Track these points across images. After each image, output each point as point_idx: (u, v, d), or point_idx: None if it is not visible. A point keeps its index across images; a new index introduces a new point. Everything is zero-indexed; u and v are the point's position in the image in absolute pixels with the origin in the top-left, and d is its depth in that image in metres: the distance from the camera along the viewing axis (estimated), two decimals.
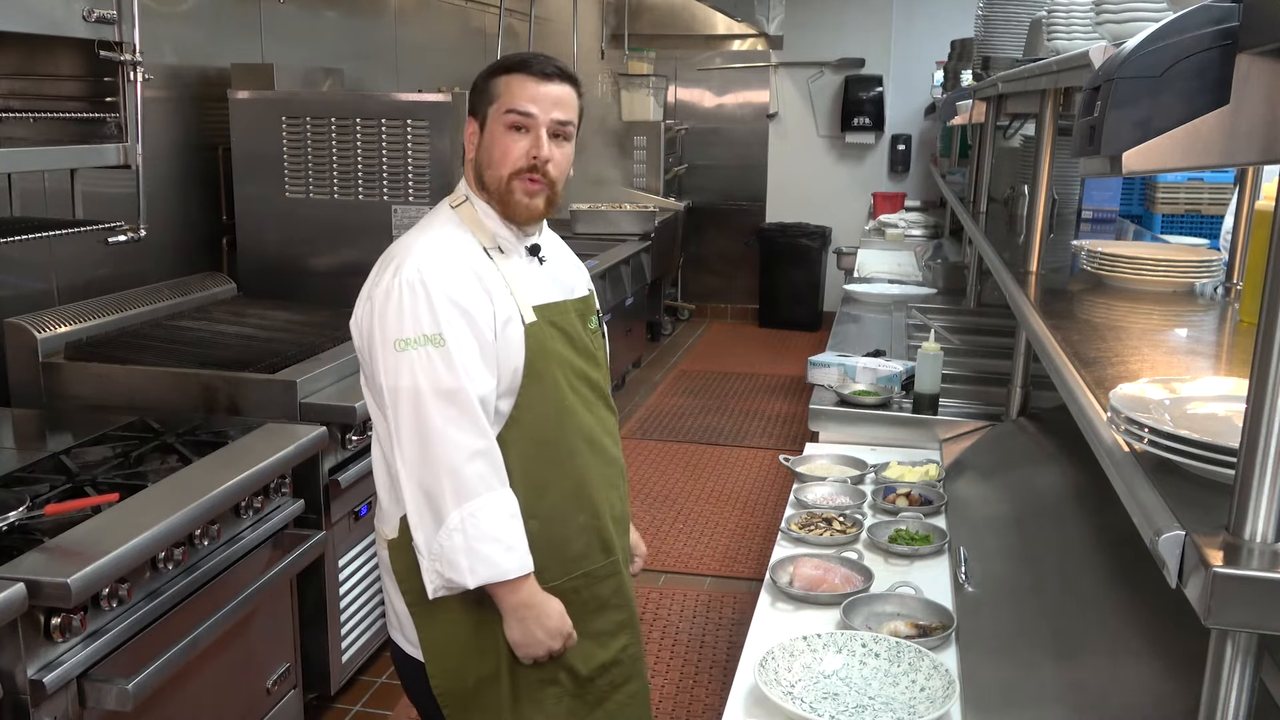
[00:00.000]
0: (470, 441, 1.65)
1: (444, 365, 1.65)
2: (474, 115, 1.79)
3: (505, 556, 1.67)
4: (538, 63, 1.75)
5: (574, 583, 1.83)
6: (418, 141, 3.63)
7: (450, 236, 1.77)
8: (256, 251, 3.79)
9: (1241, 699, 0.90)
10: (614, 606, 1.90)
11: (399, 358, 1.66)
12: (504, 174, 1.75)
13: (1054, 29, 2.19)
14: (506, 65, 1.76)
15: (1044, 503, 2.24)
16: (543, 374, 1.75)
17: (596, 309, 1.94)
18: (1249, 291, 1.89)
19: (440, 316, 1.66)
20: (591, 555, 1.85)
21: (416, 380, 1.65)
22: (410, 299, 1.66)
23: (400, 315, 1.66)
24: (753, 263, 8.55)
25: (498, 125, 1.74)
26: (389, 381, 1.68)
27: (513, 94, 1.73)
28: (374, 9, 4.90)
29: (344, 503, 2.94)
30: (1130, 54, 0.91)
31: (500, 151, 1.74)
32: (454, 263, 1.71)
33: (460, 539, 1.65)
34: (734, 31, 8.47)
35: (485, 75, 1.78)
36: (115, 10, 2.46)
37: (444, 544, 1.66)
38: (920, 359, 2.88)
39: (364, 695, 3.20)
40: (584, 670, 1.85)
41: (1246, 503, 0.87)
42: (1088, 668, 1.60)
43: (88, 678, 1.94)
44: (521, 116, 1.73)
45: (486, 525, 1.65)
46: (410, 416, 1.66)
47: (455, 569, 1.66)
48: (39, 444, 2.65)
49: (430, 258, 1.70)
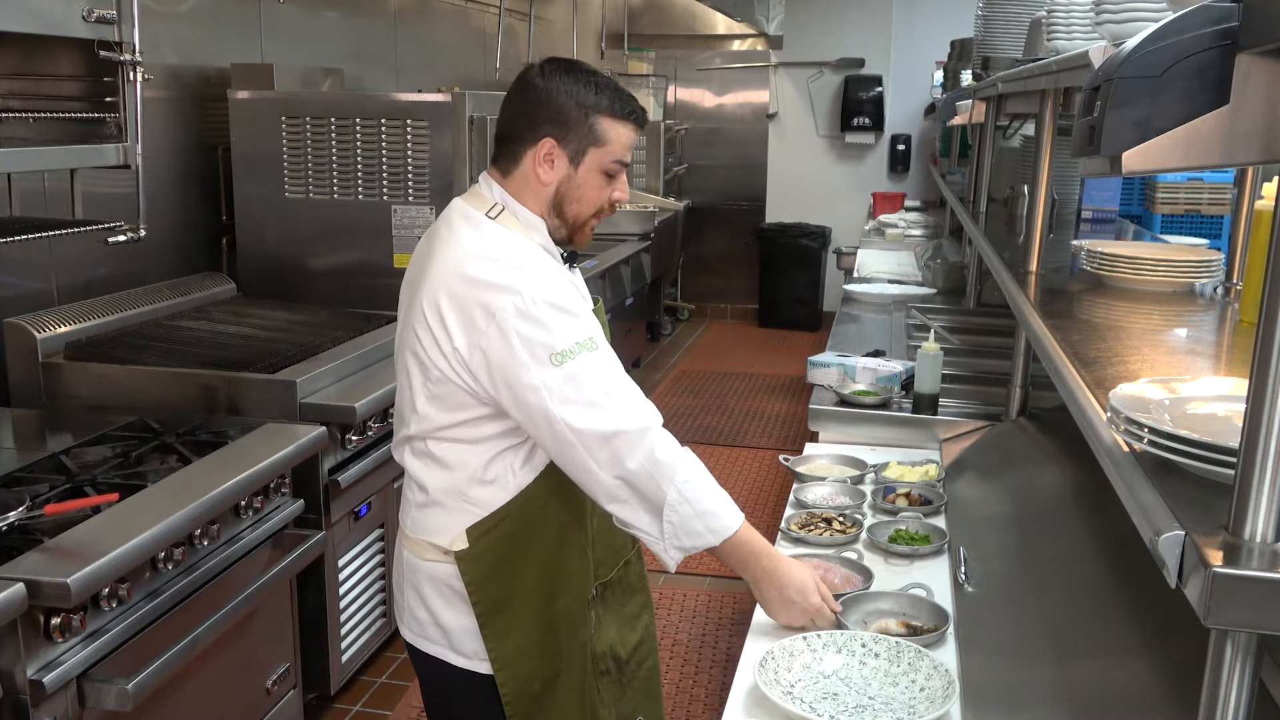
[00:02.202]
0: (651, 420, 1.68)
1: (605, 364, 1.68)
2: (560, 143, 1.71)
3: (727, 507, 1.73)
4: (640, 113, 1.76)
5: (619, 573, 1.91)
6: (418, 141, 3.63)
7: (511, 241, 1.72)
8: (256, 251, 3.79)
9: (1241, 699, 0.90)
10: (639, 589, 1.97)
11: (559, 372, 1.63)
12: (590, 213, 1.77)
13: (1054, 29, 2.19)
14: (615, 111, 1.72)
15: (1044, 503, 2.24)
16: None
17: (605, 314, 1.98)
18: (1249, 291, 1.89)
19: (578, 322, 1.67)
20: (627, 544, 1.93)
21: (586, 389, 1.65)
22: (548, 315, 1.64)
23: (547, 332, 1.63)
24: (753, 263, 8.55)
25: (595, 171, 1.73)
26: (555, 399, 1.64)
27: (622, 146, 1.74)
28: (374, 9, 4.90)
29: (344, 503, 2.94)
30: (1130, 54, 0.91)
31: (594, 194, 1.75)
32: (544, 268, 1.70)
33: (687, 509, 1.68)
34: (734, 31, 8.47)
35: (582, 107, 1.70)
36: (115, 10, 2.46)
37: (673, 521, 1.69)
38: (920, 359, 2.88)
39: (364, 695, 3.20)
40: (624, 653, 1.92)
41: (1246, 503, 0.87)
42: (1088, 668, 1.60)
43: (87, 678, 1.94)
44: (621, 167, 1.76)
45: (699, 488, 1.70)
46: (594, 424, 1.65)
47: (699, 536, 1.71)
48: (39, 444, 2.65)
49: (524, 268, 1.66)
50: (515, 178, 1.75)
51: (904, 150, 8.42)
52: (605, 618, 1.88)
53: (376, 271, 3.72)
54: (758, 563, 1.79)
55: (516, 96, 1.74)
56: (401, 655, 3.41)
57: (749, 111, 8.70)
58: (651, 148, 7.71)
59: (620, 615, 1.92)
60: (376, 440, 3.05)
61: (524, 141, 1.72)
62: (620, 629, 1.91)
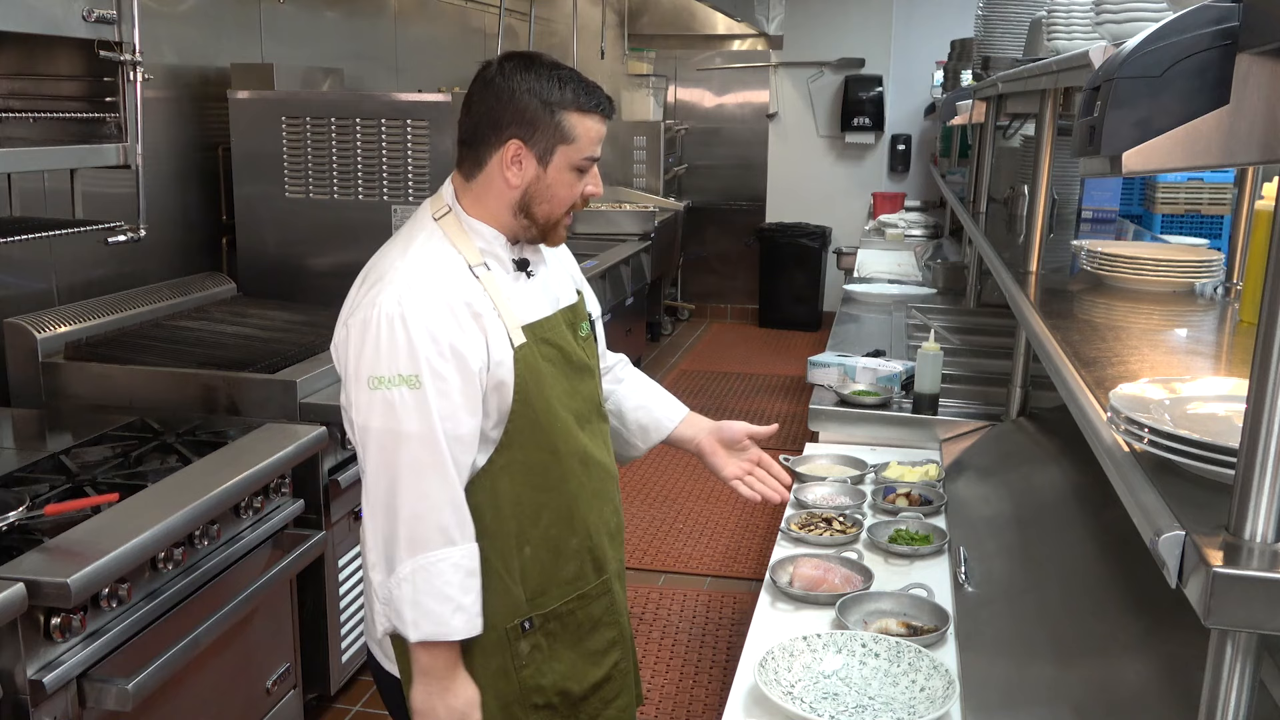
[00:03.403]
0: (436, 491, 1.58)
1: (417, 409, 1.56)
2: (527, 143, 1.63)
3: (453, 616, 1.60)
4: (606, 104, 1.67)
5: (569, 605, 1.77)
6: (418, 141, 3.63)
7: (435, 255, 1.65)
8: (256, 251, 3.79)
9: (1241, 699, 0.90)
10: (606, 624, 1.83)
11: (372, 396, 1.57)
12: (563, 211, 1.71)
13: (1054, 29, 2.19)
14: (580, 104, 1.64)
15: (1044, 503, 2.24)
16: (533, 399, 1.67)
17: (588, 314, 1.87)
18: (1249, 291, 1.89)
19: (420, 355, 1.56)
20: (585, 576, 1.79)
21: (386, 422, 1.57)
22: (389, 335, 1.56)
23: (377, 352, 1.57)
24: (753, 263, 8.55)
25: (565, 168, 1.66)
26: (359, 419, 1.60)
27: (590, 140, 1.66)
28: (374, 9, 4.90)
29: (344, 503, 2.94)
30: (1130, 54, 0.91)
31: (566, 192, 1.69)
32: (438, 291, 1.60)
33: (409, 590, 1.59)
34: (734, 31, 8.47)
35: (547, 105, 1.62)
36: (115, 10, 2.46)
37: (393, 592, 1.60)
38: (920, 359, 2.88)
39: (364, 695, 3.20)
40: (578, 690, 1.80)
41: (1246, 503, 0.87)
42: (1087, 668, 1.60)
43: (87, 678, 1.94)
44: (591, 162, 1.68)
45: (438, 581, 1.59)
46: (377, 457, 1.59)
47: (400, 619, 1.60)
48: (39, 444, 2.65)
49: (412, 286, 1.59)
50: (478, 181, 1.68)
51: (904, 150, 8.42)
52: (550, 650, 1.75)
53: None
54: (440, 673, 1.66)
55: (477, 97, 1.66)
56: None
57: (749, 111, 8.70)
58: (651, 148, 7.71)
59: (578, 649, 1.79)
60: None
61: (488, 144, 1.65)
62: (578, 663, 1.79)
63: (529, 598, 1.71)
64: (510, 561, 1.70)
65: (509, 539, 1.69)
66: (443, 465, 1.58)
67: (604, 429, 1.86)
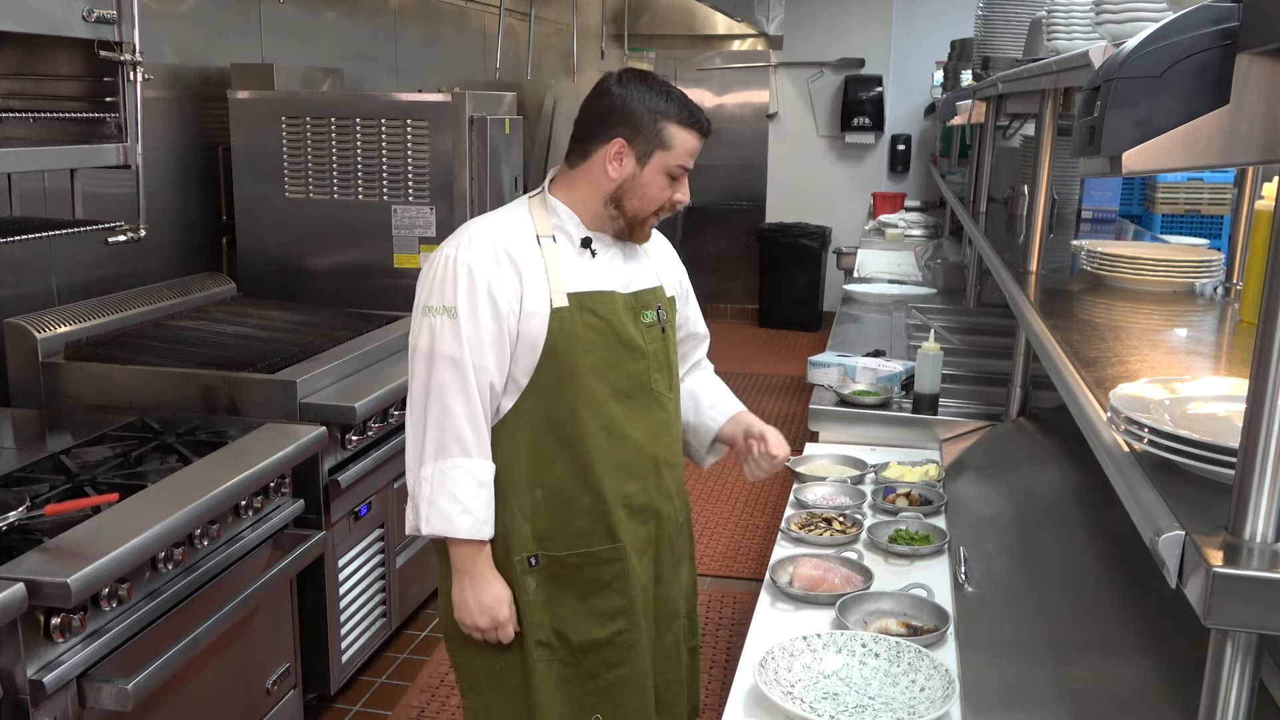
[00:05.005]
0: (458, 407, 1.82)
1: (452, 335, 1.81)
2: (630, 143, 1.86)
3: (460, 517, 1.82)
4: (705, 123, 1.91)
5: (577, 558, 1.93)
6: (418, 141, 3.63)
7: (507, 219, 1.91)
8: (256, 251, 3.79)
9: (1241, 699, 0.90)
10: (614, 591, 1.96)
11: (422, 321, 1.85)
12: (651, 210, 1.93)
13: (1054, 29, 2.19)
14: (682, 119, 1.88)
15: (1044, 503, 2.24)
16: (562, 356, 1.86)
17: (658, 305, 2.00)
18: (1249, 291, 1.89)
19: (460, 291, 1.81)
20: (596, 536, 1.93)
21: (428, 343, 1.83)
22: (442, 272, 1.84)
23: (430, 285, 1.85)
24: (753, 263, 8.55)
25: (660, 171, 1.89)
26: (411, 340, 1.88)
27: (686, 151, 1.90)
28: (374, 9, 4.90)
29: (344, 503, 2.94)
30: (1130, 54, 0.91)
31: (656, 193, 1.91)
32: (491, 241, 1.85)
33: (426, 489, 1.83)
34: (734, 31, 8.47)
35: (653, 113, 1.86)
36: (115, 10, 2.46)
37: (414, 489, 1.85)
38: (920, 359, 2.88)
39: (364, 695, 3.20)
40: (575, 639, 1.95)
41: (1246, 503, 0.87)
42: (1087, 668, 1.60)
43: (87, 678, 1.94)
44: (684, 171, 1.91)
45: (450, 484, 1.82)
46: (418, 372, 1.85)
47: (416, 514, 1.85)
48: (39, 444, 2.65)
49: (474, 238, 1.86)
50: (580, 170, 1.91)
51: (904, 150, 8.42)
52: (556, 594, 1.94)
53: (376, 271, 3.72)
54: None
55: (594, 100, 1.90)
56: (401, 655, 3.41)
57: (749, 111, 8.69)
58: None
59: (583, 605, 1.95)
60: (377, 440, 3.05)
61: (596, 139, 1.88)
62: (578, 616, 1.95)
63: (537, 538, 1.91)
64: (523, 499, 1.90)
65: (523, 478, 1.90)
66: (467, 386, 1.82)
67: (656, 413, 1.99)
